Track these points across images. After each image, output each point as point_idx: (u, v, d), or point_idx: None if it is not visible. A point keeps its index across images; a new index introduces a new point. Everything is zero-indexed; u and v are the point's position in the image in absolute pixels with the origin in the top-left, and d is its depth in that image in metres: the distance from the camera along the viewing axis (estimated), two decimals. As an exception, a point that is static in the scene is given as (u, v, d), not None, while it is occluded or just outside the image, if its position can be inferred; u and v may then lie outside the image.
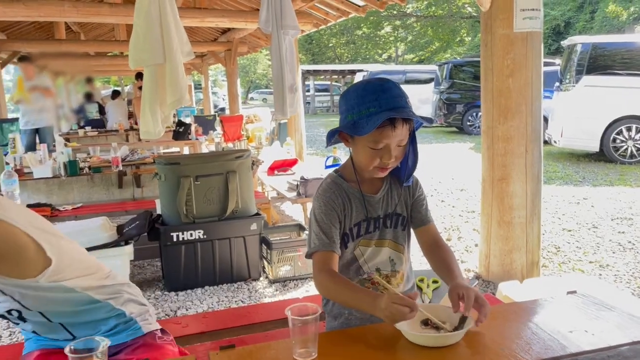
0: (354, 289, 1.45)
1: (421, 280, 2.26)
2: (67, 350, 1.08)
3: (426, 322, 1.36)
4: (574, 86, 8.37)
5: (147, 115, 3.05)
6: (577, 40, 8.76)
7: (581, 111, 8.23)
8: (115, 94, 11.82)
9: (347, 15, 7.37)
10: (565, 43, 9.26)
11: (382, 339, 1.33)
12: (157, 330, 1.53)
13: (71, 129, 10.09)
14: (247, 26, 7.84)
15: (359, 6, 6.97)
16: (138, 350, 1.44)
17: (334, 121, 20.78)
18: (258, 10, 8.00)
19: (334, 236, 1.51)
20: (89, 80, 15.29)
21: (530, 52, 3.24)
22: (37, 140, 7.37)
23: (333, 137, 1.55)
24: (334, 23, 8.12)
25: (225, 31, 10.57)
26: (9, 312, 1.34)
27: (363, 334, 1.37)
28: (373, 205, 1.58)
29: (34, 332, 1.42)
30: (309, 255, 1.55)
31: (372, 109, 1.42)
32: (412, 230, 1.68)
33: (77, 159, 4.89)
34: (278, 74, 3.57)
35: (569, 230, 4.73)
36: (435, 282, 2.18)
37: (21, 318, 1.36)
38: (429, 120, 1.60)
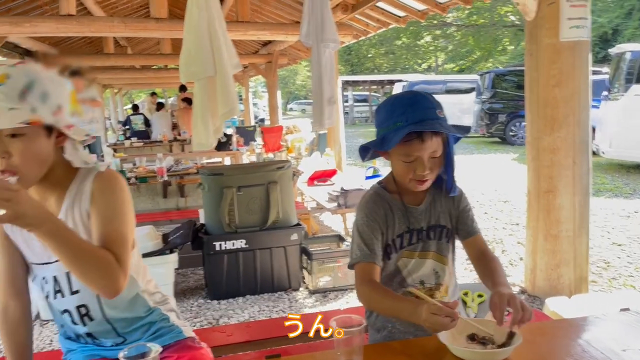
0: (396, 298, 1.45)
1: (465, 294, 2.22)
2: (120, 355, 1.12)
3: (472, 337, 1.34)
4: (623, 95, 8.09)
5: (199, 127, 3.13)
6: (627, 48, 8.48)
7: (631, 121, 7.93)
8: (160, 106, 12.15)
9: (387, 26, 7.37)
10: (613, 51, 8.98)
11: (427, 353, 1.32)
12: (192, 338, 1.58)
13: (118, 140, 10.43)
14: (288, 38, 7.94)
15: (399, 17, 6.96)
16: (180, 351, 1.49)
17: (373, 131, 20.57)
18: (298, 23, 8.11)
19: (376, 248, 1.52)
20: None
21: (577, 61, 3.16)
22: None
23: (366, 152, 1.57)
24: (374, 34, 8.13)
25: (266, 43, 10.74)
26: (79, 306, 1.40)
27: (407, 347, 1.37)
28: (416, 217, 1.58)
29: (86, 334, 1.47)
30: (350, 267, 1.56)
31: (399, 123, 1.43)
32: (457, 243, 1.66)
33: (124, 169, 5.05)
34: (317, 86, 3.61)
35: (619, 245, 4.56)
36: (480, 296, 2.14)
37: (86, 315, 1.41)
38: (465, 130, 1.57)
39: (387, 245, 1.56)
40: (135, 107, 14.07)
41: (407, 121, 1.41)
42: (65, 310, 1.42)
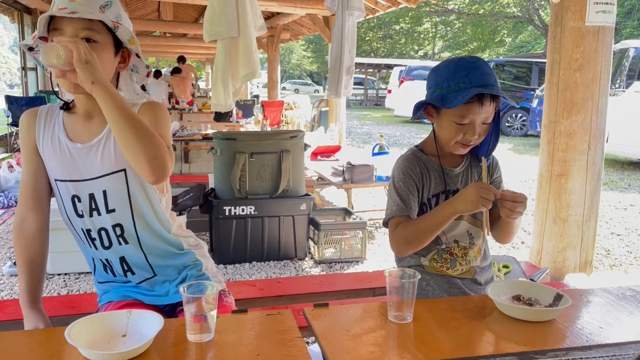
0: (429, 213, 1.52)
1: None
2: (181, 289, 1.12)
3: (518, 298, 1.36)
4: (624, 91, 8.16)
5: (218, 87, 3.08)
6: (630, 45, 8.54)
7: (630, 117, 8.01)
8: (157, 74, 11.98)
9: (397, 5, 7.30)
10: (616, 47, 9.01)
11: (474, 310, 1.34)
12: (224, 290, 1.58)
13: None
14: (296, 11, 7.85)
15: (411, -4, 6.90)
16: None
17: (368, 114, 20.67)
18: (306, -4, 8.02)
19: (411, 203, 1.56)
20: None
21: (600, 46, 3.17)
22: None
23: (420, 109, 1.60)
24: (381, 14, 8.05)
25: (269, 17, 10.60)
26: (115, 226, 1.40)
27: (454, 303, 1.38)
28: (452, 179, 1.63)
29: (121, 259, 1.45)
30: (385, 223, 1.60)
31: (461, 84, 1.46)
32: None
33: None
34: (337, 55, 3.57)
35: (618, 235, 4.63)
36: (505, 266, 2.17)
37: (121, 235, 1.41)
38: (515, 103, 1.61)
39: (422, 204, 1.61)
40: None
41: (470, 83, 1.44)
42: (102, 229, 1.41)
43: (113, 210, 1.39)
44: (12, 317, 1.63)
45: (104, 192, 1.37)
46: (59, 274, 3.39)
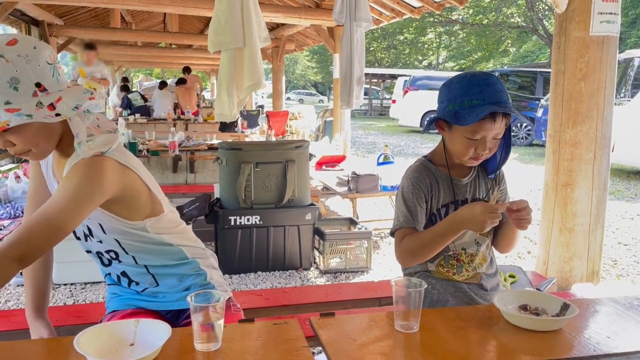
0: (435, 226, 1.52)
1: (497, 274, 2.23)
2: (188, 299, 1.13)
3: (525, 307, 1.36)
4: (629, 101, 8.15)
5: (223, 97, 3.11)
6: (635, 54, 8.53)
7: (636, 127, 7.99)
8: (163, 85, 12.05)
9: (401, 16, 7.35)
10: (621, 56, 9.01)
11: (481, 319, 1.33)
12: (231, 300, 1.58)
13: (121, 115, 10.34)
14: (301, 22, 7.91)
15: (415, 7, 6.94)
16: None
17: (372, 124, 20.70)
18: (310, 7, 8.09)
19: (419, 214, 1.57)
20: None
21: (605, 56, 3.17)
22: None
23: (432, 123, 1.61)
24: (385, 24, 8.10)
25: (273, 28, 10.68)
26: (107, 251, 1.43)
27: (460, 313, 1.38)
28: (460, 189, 1.64)
29: (122, 273, 1.47)
30: (392, 233, 1.61)
31: (474, 101, 1.48)
32: None
33: (137, 140, 5.01)
34: (347, 66, 3.59)
35: (625, 245, 4.61)
36: (512, 276, 2.16)
37: (116, 259, 1.44)
38: (526, 119, 1.63)
39: (432, 214, 1.62)
40: (125, 80, 13.89)
41: (483, 100, 1.46)
42: (98, 252, 1.44)
43: (100, 242, 1.41)
44: (20, 327, 1.64)
45: (99, 224, 1.37)
46: (65, 284, 3.40)
